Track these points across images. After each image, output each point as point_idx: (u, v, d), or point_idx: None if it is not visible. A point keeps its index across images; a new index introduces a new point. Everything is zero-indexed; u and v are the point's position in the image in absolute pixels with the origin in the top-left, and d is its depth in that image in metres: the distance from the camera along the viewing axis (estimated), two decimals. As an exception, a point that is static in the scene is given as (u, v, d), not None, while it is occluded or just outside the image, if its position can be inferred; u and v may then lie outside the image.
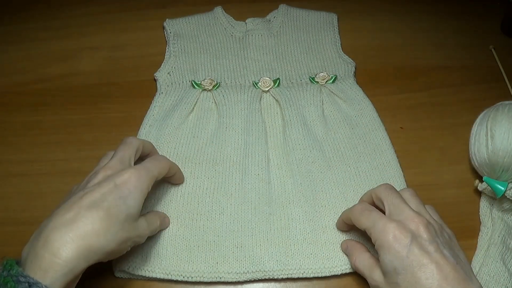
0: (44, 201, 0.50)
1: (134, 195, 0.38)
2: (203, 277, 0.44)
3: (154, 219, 0.44)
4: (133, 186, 0.39)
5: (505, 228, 0.47)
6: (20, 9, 0.65)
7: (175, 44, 0.59)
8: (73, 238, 0.34)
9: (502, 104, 0.50)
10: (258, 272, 0.45)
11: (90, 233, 0.35)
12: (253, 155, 0.50)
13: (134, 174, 0.39)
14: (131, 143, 0.43)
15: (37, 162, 0.52)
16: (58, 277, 0.33)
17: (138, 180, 0.39)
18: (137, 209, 0.39)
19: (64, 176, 0.51)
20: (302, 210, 0.47)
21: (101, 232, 0.36)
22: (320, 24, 0.61)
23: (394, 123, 0.55)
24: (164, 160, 0.44)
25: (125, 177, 0.39)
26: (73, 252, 0.34)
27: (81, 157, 0.52)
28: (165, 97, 0.55)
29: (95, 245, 0.35)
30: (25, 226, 0.48)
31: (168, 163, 0.44)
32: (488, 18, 0.65)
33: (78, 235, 0.35)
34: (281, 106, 0.53)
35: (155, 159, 0.43)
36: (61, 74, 0.59)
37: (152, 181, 0.41)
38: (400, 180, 0.50)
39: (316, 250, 0.46)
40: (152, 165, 0.42)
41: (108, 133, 0.54)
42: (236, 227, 0.47)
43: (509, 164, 0.46)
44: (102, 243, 0.36)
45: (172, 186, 0.49)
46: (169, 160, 0.45)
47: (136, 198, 0.39)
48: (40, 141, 0.53)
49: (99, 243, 0.36)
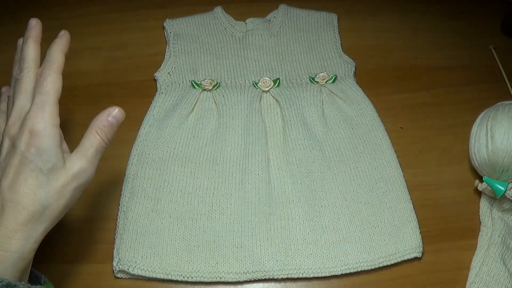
0: (44, 201, 0.49)
1: (42, 148, 0.35)
2: (203, 277, 0.45)
3: (90, 139, 0.38)
4: (37, 139, 0.35)
5: (505, 228, 0.47)
6: (20, 9, 0.65)
7: (175, 44, 0.59)
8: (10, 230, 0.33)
9: (502, 104, 0.50)
10: (258, 272, 0.45)
11: (21, 212, 0.34)
12: (253, 155, 0.50)
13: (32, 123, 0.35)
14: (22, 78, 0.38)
15: (37, 162, 0.52)
16: (7, 267, 0.33)
17: (39, 126, 0.35)
18: (54, 158, 0.35)
19: (64, 176, 0.51)
20: (302, 210, 0.48)
21: (30, 207, 0.34)
22: (320, 24, 0.61)
23: (394, 123, 0.55)
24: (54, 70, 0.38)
25: (25, 135, 0.35)
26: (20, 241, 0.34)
27: (81, 157, 0.52)
28: (165, 97, 0.55)
29: (30, 221, 0.34)
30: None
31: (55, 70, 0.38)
32: (488, 18, 0.65)
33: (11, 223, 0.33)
34: (281, 106, 0.53)
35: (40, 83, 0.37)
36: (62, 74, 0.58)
37: (55, 111, 0.37)
38: (400, 180, 0.50)
39: (316, 250, 0.46)
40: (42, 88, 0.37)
41: (108, 133, 0.54)
42: (236, 227, 0.47)
43: (509, 164, 0.46)
44: (36, 216, 0.34)
45: (172, 186, 0.49)
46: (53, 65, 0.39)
47: (46, 149, 0.35)
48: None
49: (33, 218, 0.34)
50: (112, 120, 0.39)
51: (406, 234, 0.47)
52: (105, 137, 0.38)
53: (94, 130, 0.38)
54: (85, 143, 0.38)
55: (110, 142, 0.39)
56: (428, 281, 0.46)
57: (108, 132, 0.39)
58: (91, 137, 0.38)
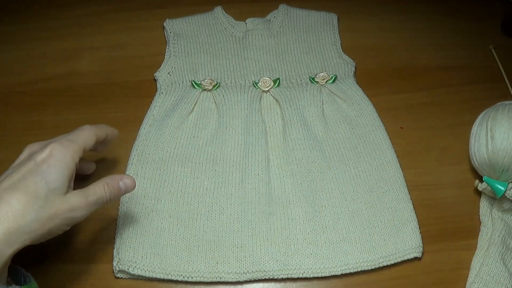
0: (44, 201, 0.49)
1: (54, 168, 0.37)
2: (203, 277, 0.44)
3: (96, 188, 0.40)
4: (53, 160, 0.37)
5: (505, 228, 0.47)
6: (20, 9, 0.65)
7: (175, 44, 0.59)
8: None
9: (502, 104, 0.50)
10: (258, 272, 0.45)
11: (8, 215, 0.34)
12: (253, 155, 0.50)
13: (55, 148, 0.37)
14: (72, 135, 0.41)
15: (37, 162, 0.52)
16: None
17: (59, 153, 0.37)
18: (59, 182, 0.37)
19: (64, 176, 0.51)
20: (302, 210, 0.48)
21: (19, 213, 0.34)
22: (320, 24, 0.61)
23: (394, 123, 0.55)
24: (87, 128, 0.42)
25: (45, 153, 0.37)
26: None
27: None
28: (165, 97, 0.55)
29: (13, 227, 0.34)
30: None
31: (92, 130, 0.42)
32: (488, 18, 0.65)
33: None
34: (281, 106, 0.53)
35: (78, 129, 0.41)
36: (61, 74, 0.59)
37: (78, 152, 0.39)
38: (400, 180, 0.50)
39: (316, 250, 0.46)
40: (75, 135, 0.40)
41: (108, 133, 0.54)
42: (236, 227, 0.47)
43: (509, 164, 0.46)
44: (21, 223, 0.34)
45: (172, 186, 0.49)
46: (93, 127, 0.43)
47: (57, 171, 0.37)
48: (40, 141, 0.53)
49: (17, 224, 0.34)
50: (121, 185, 0.41)
51: (406, 234, 0.47)
52: (109, 194, 0.40)
53: (103, 183, 0.40)
54: (91, 189, 0.39)
55: (111, 201, 0.41)
56: (428, 281, 0.46)
57: (113, 193, 0.40)
58: (98, 187, 0.40)
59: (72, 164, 0.38)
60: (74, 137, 0.40)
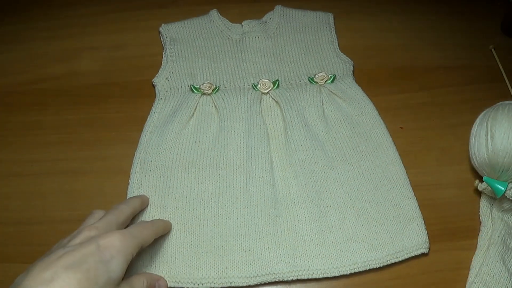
0: (44, 201, 0.50)
1: (116, 259, 0.37)
2: (213, 282, 0.44)
3: (138, 282, 0.40)
4: (116, 250, 0.37)
5: (505, 228, 0.47)
6: (20, 9, 0.65)
7: (171, 49, 0.59)
8: None
9: (502, 104, 0.50)
10: (268, 275, 0.45)
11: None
12: (256, 157, 0.50)
13: (119, 238, 0.38)
14: (122, 210, 0.42)
15: (37, 162, 0.52)
16: None
17: (122, 245, 0.37)
18: (118, 274, 0.37)
19: (64, 176, 0.51)
20: (308, 211, 0.47)
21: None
22: (316, 24, 0.61)
23: (394, 123, 0.55)
24: (150, 228, 0.43)
25: (109, 240, 0.37)
26: None
27: (81, 157, 0.52)
28: (165, 102, 0.54)
29: None
30: (25, 226, 0.48)
31: (153, 231, 0.43)
32: (488, 18, 0.65)
33: None
34: (282, 108, 0.53)
35: (141, 226, 0.42)
36: (61, 74, 0.59)
37: (137, 248, 0.39)
38: (403, 177, 0.50)
39: (324, 251, 0.46)
40: (138, 231, 0.40)
41: (108, 133, 0.54)
42: (243, 231, 0.47)
43: (509, 164, 0.46)
44: None
45: (177, 192, 0.49)
46: (155, 227, 0.44)
47: (118, 263, 0.37)
48: (40, 141, 0.53)
49: None
50: (157, 286, 0.43)
51: (412, 231, 0.47)
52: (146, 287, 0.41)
53: (144, 278, 0.41)
54: (134, 281, 0.40)
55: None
56: (428, 281, 0.46)
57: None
58: (139, 280, 0.40)
59: (130, 259, 0.38)
60: (137, 233, 0.40)
